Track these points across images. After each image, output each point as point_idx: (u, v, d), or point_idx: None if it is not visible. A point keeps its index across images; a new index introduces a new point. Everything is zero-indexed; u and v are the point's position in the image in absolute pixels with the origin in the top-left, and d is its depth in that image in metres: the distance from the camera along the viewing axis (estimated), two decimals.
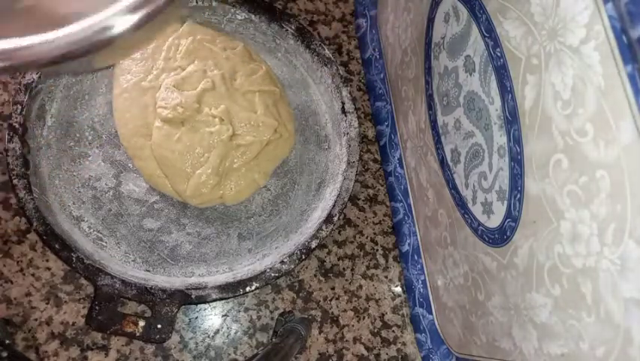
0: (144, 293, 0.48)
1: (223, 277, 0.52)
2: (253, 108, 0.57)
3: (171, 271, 0.52)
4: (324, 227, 0.54)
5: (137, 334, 0.47)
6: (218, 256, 0.54)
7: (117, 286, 0.48)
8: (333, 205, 0.55)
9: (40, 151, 0.52)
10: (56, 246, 0.47)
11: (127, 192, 0.54)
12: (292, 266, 0.52)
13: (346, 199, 0.56)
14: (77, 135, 0.54)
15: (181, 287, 0.49)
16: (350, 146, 0.58)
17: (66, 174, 0.52)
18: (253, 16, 0.61)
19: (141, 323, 0.48)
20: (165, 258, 0.53)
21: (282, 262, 0.52)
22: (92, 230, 0.52)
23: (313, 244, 0.53)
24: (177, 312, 0.49)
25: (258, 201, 0.57)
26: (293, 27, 0.61)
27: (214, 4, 0.60)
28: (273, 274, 0.51)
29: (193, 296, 0.49)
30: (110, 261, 0.50)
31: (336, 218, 0.55)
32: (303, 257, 0.53)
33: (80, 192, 0.52)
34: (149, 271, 0.51)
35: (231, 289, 0.50)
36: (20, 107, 0.50)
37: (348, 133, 0.59)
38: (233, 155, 0.55)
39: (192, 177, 0.53)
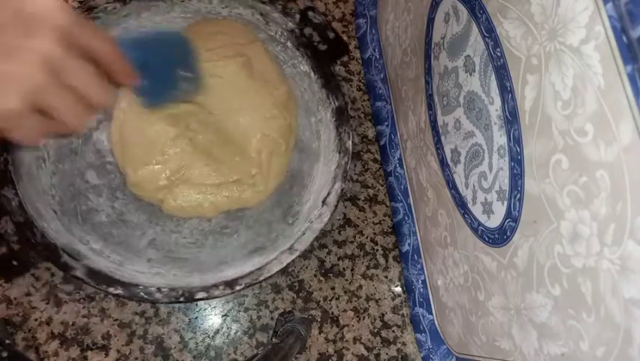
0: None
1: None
2: (247, 145, 0.55)
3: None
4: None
5: None
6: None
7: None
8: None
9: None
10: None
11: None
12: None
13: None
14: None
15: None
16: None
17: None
18: (313, 73, 0.59)
19: None
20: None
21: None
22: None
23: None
24: None
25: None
26: (336, 104, 0.58)
27: (289, 44, 0.60)
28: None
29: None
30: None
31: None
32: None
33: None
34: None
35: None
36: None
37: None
38: (198, 168, 0.53)
39: (147, 166, 0.52)
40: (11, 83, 0.28)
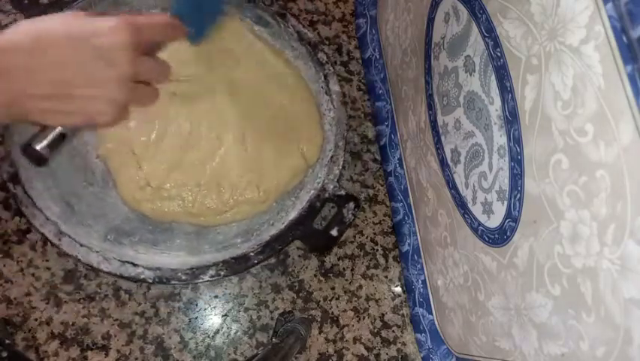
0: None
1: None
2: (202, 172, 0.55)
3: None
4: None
5: None
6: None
7: None
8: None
9: None
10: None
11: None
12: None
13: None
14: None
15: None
16: None
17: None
18: (289, 226, 0.55)
19: None
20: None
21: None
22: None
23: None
24: None
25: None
26: (266, 256, 0.53)
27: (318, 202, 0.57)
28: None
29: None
30: None
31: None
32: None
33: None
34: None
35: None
36: None
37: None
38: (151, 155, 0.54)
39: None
40: (108, 103, 0.39)
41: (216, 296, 0.54)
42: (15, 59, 0.35)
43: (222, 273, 0.50)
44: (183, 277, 0.50)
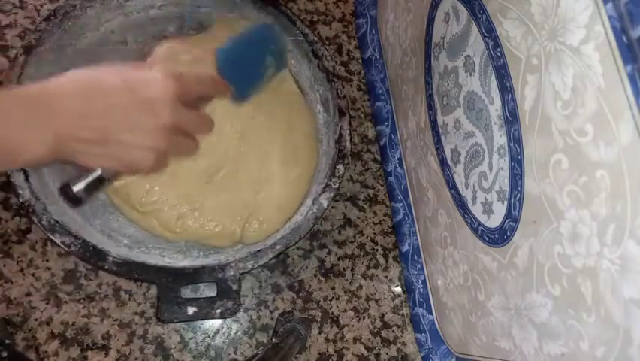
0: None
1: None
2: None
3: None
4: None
5: None
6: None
7: None
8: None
9: None
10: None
11: None
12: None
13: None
14: None
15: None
16: None
17: None
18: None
19: None
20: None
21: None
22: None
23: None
24: None
25: None
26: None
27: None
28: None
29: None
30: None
31: None
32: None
33: None
34: None
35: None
36: None
37: None
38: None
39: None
40: (148, 150, 0.40)
41: None
42: (69, 105, 0.37)
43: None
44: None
